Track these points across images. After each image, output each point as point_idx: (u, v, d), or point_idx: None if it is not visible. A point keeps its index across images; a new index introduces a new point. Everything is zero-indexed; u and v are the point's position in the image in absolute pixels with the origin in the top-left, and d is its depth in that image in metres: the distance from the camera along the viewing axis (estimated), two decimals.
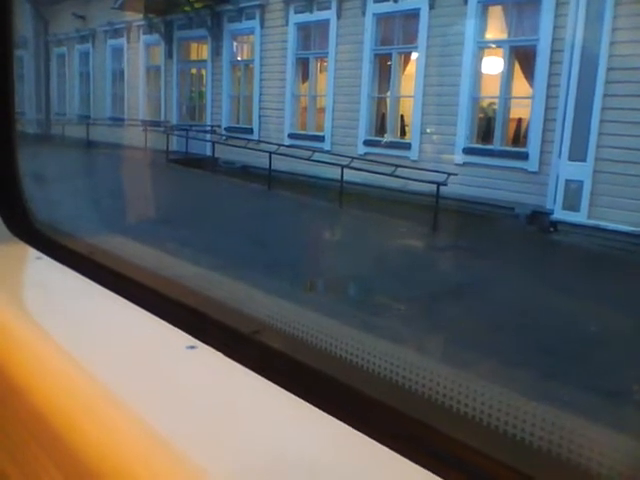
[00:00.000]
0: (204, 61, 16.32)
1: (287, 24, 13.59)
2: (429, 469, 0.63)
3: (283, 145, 13.07)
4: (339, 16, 12.46)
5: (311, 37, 13.39)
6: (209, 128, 16.02)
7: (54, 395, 0.88)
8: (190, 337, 0.93)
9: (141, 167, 13.64)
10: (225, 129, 15.54)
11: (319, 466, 0.66)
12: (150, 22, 16.98)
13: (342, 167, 10.27)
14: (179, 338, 0.94)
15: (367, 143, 12.15)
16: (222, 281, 1.33)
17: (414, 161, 11.23)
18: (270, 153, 11.76)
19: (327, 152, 12.60)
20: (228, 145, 14.11)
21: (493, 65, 10.52)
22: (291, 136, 13.69)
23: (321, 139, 13.11)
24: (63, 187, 9.97)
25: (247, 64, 15.17)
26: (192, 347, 0.91)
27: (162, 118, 17.60)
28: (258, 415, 0.76)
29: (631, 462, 0.61)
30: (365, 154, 11.98)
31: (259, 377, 0.81)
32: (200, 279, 1.33)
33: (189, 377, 0.86)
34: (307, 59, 13.49)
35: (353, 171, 10.68)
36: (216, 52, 15.62)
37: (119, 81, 19.23)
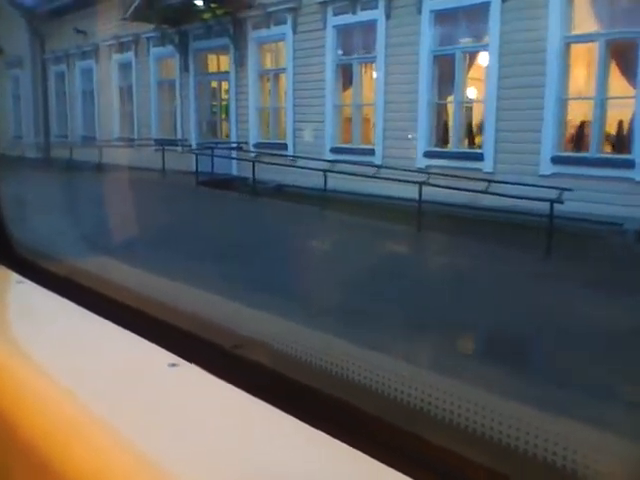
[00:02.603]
0: (226, 72, 14.99)
1: (325, 27, 12.29)
2: None
3: (324, 160, 11.78)
4: (388, 16, 11.20)
5: (354, 41, 12.10)
6: (235, 145, 14.68)
7: (37, 418, 0.86)
8: (171, 354, 0.91)
9: (171, 193, 12.22)
10: (254, 145, 14.19)
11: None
12: (163, 33, 15.62)
13: (420, 184, 8.96)
14: (161, 356, 0.92)
15: (428, 155, 10.87)
16: (202, 296, 1.28)
17: (488, 173, 9.99)
18: (324, 171, 10.43)
19: (378, 167, 11.33)
20: (264, 163, 12.77)
21: (584, 62, 9.31)
22: (334, 150, 12.37)
23: (370, 152, 11.80)
24: (92, 222, 8.62)
25: (277, 73, 13.84)
26: (174, 365, 0.89)
27: (179, 136, 16.25)
28: (243, 431, 0.75)
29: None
30: (427, 167, 10.70)
31: (242, 392, 0.80)
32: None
33: (172, 395, 0.84)
34: (350, 65, 12.20)
35: (408, 186, 9.37)
36: (240, 62, 14.29)
37: (127, 98, 17.87)
